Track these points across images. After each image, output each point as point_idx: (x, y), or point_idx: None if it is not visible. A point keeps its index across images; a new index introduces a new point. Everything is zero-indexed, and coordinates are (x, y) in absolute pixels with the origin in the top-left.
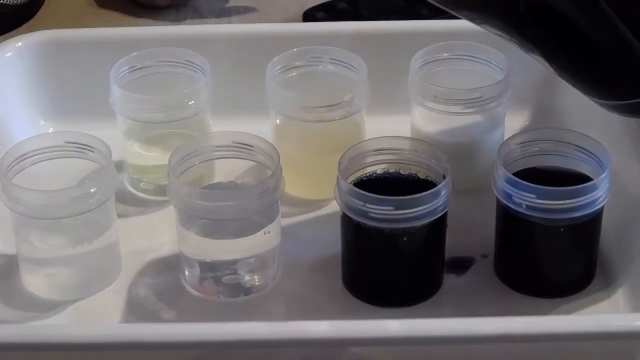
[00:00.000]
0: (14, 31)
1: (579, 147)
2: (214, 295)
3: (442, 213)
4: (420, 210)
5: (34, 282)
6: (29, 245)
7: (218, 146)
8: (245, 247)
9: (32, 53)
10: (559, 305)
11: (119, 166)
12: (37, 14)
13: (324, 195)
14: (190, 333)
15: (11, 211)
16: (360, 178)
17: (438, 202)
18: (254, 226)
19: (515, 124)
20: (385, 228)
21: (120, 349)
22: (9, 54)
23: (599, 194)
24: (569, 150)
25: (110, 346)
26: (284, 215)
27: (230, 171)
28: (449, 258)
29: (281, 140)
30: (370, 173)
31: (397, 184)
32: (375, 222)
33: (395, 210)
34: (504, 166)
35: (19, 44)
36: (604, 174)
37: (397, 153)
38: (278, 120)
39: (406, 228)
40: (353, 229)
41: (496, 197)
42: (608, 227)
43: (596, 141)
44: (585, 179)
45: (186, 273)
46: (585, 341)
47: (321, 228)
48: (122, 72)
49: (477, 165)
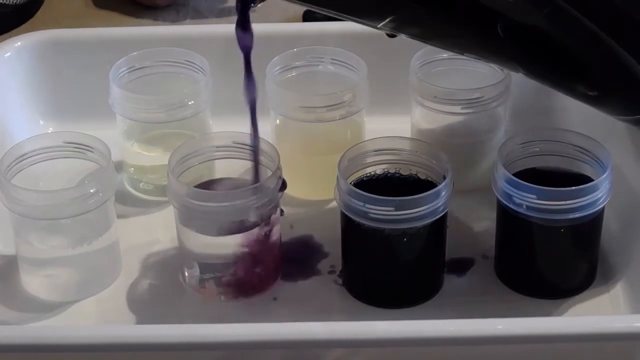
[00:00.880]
0: (14, 31)
1: (580, 148)
2: (213, 296)
3: (443, 213)
4: (421, 210)
5: (34, 283)
6: (29, 246)
7: (218, 146)
8: (245, 248)
9: (32, 53)
10: (559, 306)
11: (119, 166)
12: (37, 14)
13: (324, 196)
14: (190, 334)
15: (11, 212)
16: (361, 178)
17: (438, 203)
18: (253, 226)
19: (515, 124)
20: (386, 229)
21: (120, 350)
22: (9, 54)
23: (600, 195)
24: (570, 151)
25: (110, 347)
26: (284, 216)
27: (230, 171)
28: (449, 259)
29: (281, 140)
30: (370, 173)
31: (398, 185)
32: (375, 223)
33: (396, 210)
34: (504, 166)
35: (19, 44)
36: (605, 175)
37: (397, 153)
38: (278, 120)
39: (406, 229)
40: (353, 229)
41: (496, 198)
42: (609, 228)
43: (596, 141)
44: (586, 179)
45: (186, 274)
46: (586, 342)
47: (321, 228)
48: (122, 72)
49: (477, 166)
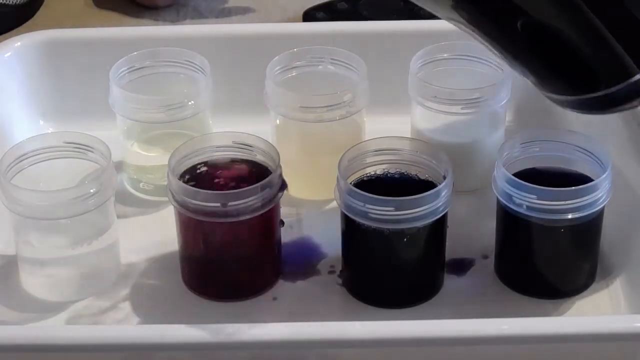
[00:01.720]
0: (14, 31)
1: (579, 148)
2: (214, 296)
3: (443, 214)
4: (421, 210)
5: (34, 283)
6: (29, 246)
7: (218, 146)
8: (245, 247)
9: (32, 53)
10: (559, 306)
11: (119, 166)
12: (37, 14)
13: (324, 196)
14: (190, 334)
15: (11, 212)
16: (361, 178)
17: (438, 203)
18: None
19: (515, 124)
20: (386, 229)
21: (120, 350)
22: (9, 54)
23: (600, 195)
24: (569, 151)
25: (110, 347)
26: (284, 216)
27: None
28: (449, 259)
29: (281, 140)
30: (370, 173)
31: (398, 185)
32: (375, 223)
33: (396, 211)
34: (504, 167)
35: (19, 44)
36: (605, 175)
37: (397, 153)
38: (278, 120)
39: (406, 229)
40: (353, 229)
41: (496, 198)
42: (609, 228)
43: (596, 141)
44: (586, 179)
45: (186, 273)
46: (586, 342)
47: (321, 228)
48: (122, 72)
49: (478, 166)
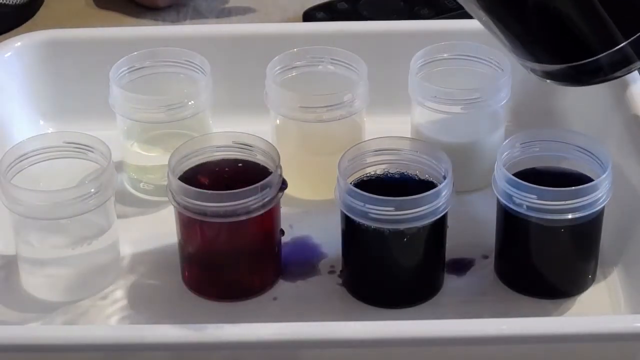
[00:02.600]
0: (14, 31)
1: (579, 147)
2: (214, 296)
3: (443, 214)
4: (421, 210)
5: (34, 283)
6: (29, 246)
7: (218, 146)
8: (245, 247)
9: (32, 53)
10: (559, 306)
11: (119, 166)
12: (37, 14)
13: (324, 196)
14: (190, 334)
15: (11, 212)
16: (361, 178)
17: (439, 203)
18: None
19: (515, 124)
20: (386, 229)
21: (120, 350)
22: (9, 54)
23: (600, 195)
24: (570, 151)
25: (110, 347)
26: (284, 216)
27: None
28: (449, 259)
29: (281, 140)
30: (370, 173)
31: (398, 185)
32: (375, 223)
33: (396, 211)
34: (505, 167)
35: (19, 44)
36: (605, 175)
37: (397, 153)
38: (278, 120)
39: (406, 229)
40: (353, 229)
41: (496, 198)
42: (609, 228)
43: (596, 141)
44: (586, 179)
45: (186, 273)
46: (586, 342)
47: (321, 228)
48: (122, 72)
49: (477, 166)
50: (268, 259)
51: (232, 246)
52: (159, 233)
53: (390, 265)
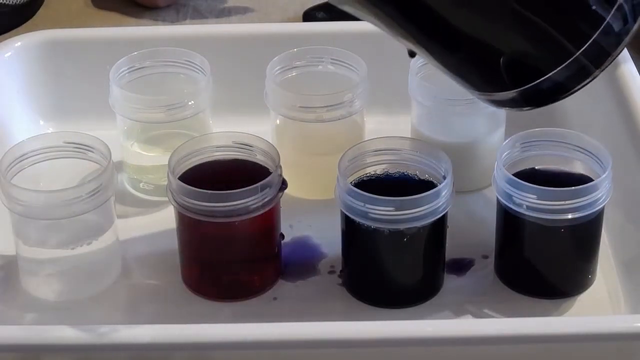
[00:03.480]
0: (14, 31)
1: (579, 148)
2: (214, 296)
3: (443, 214)
4: (421, 210)
5: (33, 283)
6: (29, 246)
7: (218, 146)
8: (245, 247)
9: (32, 53)
10: (559, 306)
11: (119, 166)
12: (37, 14)
13: (324, 196)
14: (190, 334)
15: (11, 212)
16: (361, 178)
17: (439, 203)
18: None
19: (515, 124)
20: (386, 229)
21: (120, 350)
22: (9, 54)
23: (600, 195)
24: (569, 151)
25: (110, 347)
26: (284, 215)
27: None
28: (449, 259)
29: (281, 140)
30: (370, 173)
31: (398, 185)
32: (375, 223)
33: (396, 211)
34: (504, 166)
35: (19, 44)
36: (605, 175)
37: (397, 153)
38: (278, 120)
39: (406, 229)
40: (353, 229)
41: (496, 198)
42: (609, 228)
43: (596, 141)
44: (586, 179)
45: (186, 273)
46: (586, 342)
47: (321, 228)
48: (122, 72)
49: (477, 166)
50: (268, 259)
51: (232, 246)
52: (159, 233)
53: (390, 265)
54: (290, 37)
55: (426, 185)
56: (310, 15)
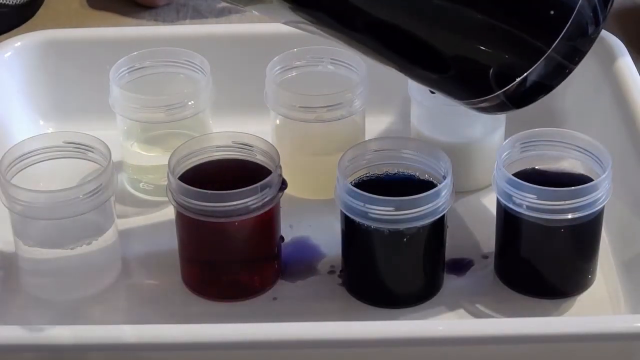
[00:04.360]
0: (14, 31)
1: (579, 148)
2: (214, 296)
3: (443, 214)
4: (421, 210)
5: (33, 283)
6: (29, 246)
7: (218, 146)
8: (245, 247)
9: (32, 53)
10: (559, 306)
11: (119, 166)
12: (37, 14)
13: (324, 196)
14: (190, 334)
15: (10, 212)
16: (361, 178)
17: (438, 203)
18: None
19: (515, 124)
20: (386, 229)
21: (120, 350)
22: (9, 54)
23: (600, 195)
24: (569, 151)
25: (110, 347)
26: (284, 215)
27: None
28: (449, 259)
29: (281, 140)
30: (370, 173)
31: (398, 185)
32: (375, 223)
33: (396, 210)
34: (504, 166)
35: (19, 44)
36: (605, 175)
37: (397, 153)
38: (278, 120)
39: (406, 229)
40: (353, 229)
41: (496, 198)
42: (609, 228)
43: (596, 141)
44: (586, 179)
45: (186, 273)
46: (586, 342)
47: (321, 228)
48: (122, 72)
49: (477, 166)
50: (268, 259)
51: (232, 246)
52: (159, 233)
53: (390, 265)
54: (290, 37)
55: (426, 185)
56: None
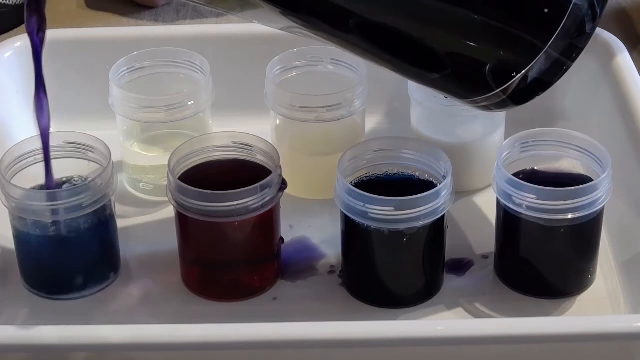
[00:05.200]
0: (14, 31)
1: (579, 148)
2: (214, 296)
3: (443, 214)
4: (421, 210)
5: (34, 283)
6: (29, 246)
7: (218, 146)
8: (245, 247)
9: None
10: (559, 306)
11: (119, 166)
12: None
13: (324, 196)
14: (190, 334)
15: (10, 212)
16: (361, 178)
17: (438, 203)
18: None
19: (515, 124)
20: (386, 229)
21: (119, 350)
22: (9, 54)
23: (600, 195)
24: (569, 151)
25: (110, 347)
26: (284, 215)
27: None
28: (449, 259)
29: (281, 140)
30: (370, 174)
31: (398, 185)
32: (375, 223)
33: (396, 210)
34: (504, 167)
35: (19, 44)
36: (605, 175)
37: (397, 153)
38: (278, 120)
39: (406, 229)
40: (353, 229)
41: (496, 198)
42: (609, 228)
43: (596, 141)
44: (586, 179)
45: (186, 273)
46: (586, 342)
47: (321, 228)
48: (122, 72)
49: (477, 166)
50: (268, 258)
51: (232, 246)
52: (159, 233)
53: (390, 265)
54: (290, 37)
55: (426, 185)
56: None
